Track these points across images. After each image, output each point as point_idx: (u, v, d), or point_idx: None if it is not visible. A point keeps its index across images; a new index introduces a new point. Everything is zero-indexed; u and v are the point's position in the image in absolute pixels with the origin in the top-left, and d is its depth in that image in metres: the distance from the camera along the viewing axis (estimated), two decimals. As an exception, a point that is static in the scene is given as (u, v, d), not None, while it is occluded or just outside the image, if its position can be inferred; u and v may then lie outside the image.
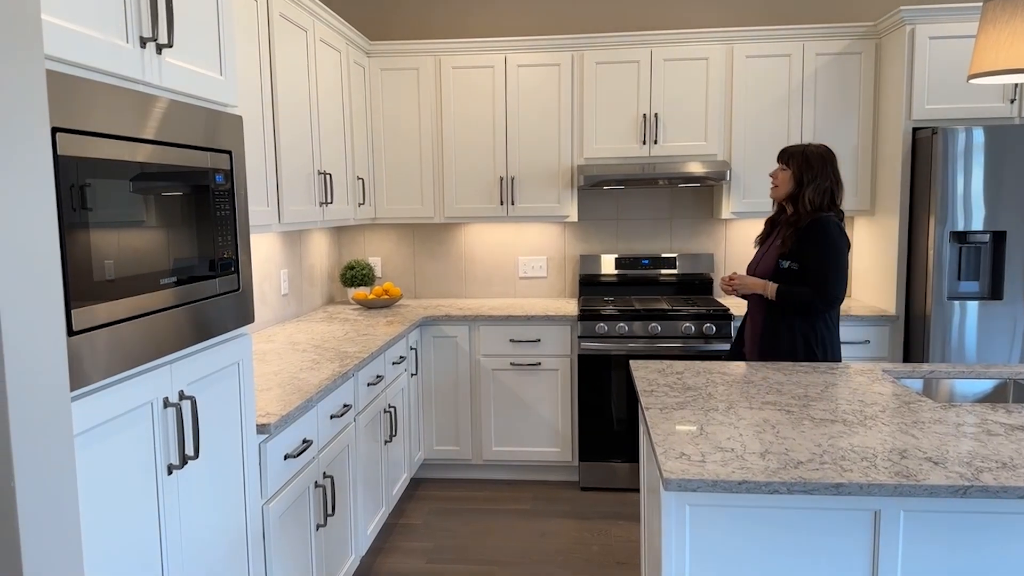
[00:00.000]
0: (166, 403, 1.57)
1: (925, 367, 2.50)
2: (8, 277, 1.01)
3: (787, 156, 2.71)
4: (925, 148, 3.43)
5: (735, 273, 2.79)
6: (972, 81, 1.96)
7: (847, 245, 2.65)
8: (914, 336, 3.57)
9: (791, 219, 2.69)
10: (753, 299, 2.78)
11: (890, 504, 1.59)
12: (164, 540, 1.58)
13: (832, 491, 1.50)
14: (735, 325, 3.71)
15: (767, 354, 2.69)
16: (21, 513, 1.04)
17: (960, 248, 3.39)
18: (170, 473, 1.59)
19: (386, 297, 4.12)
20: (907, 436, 1.76)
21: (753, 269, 2.81)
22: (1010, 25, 1.72)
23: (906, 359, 3.66)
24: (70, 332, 1.28)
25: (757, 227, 4.26)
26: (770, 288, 2.65)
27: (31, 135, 1.06)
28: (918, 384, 2.46)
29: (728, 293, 2.80)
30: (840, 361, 2.68)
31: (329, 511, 2.45)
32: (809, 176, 2.65)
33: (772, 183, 2.76)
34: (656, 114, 3.90)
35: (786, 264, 2.65)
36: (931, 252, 3.39)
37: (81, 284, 1.31)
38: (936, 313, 3.40)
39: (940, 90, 3.47)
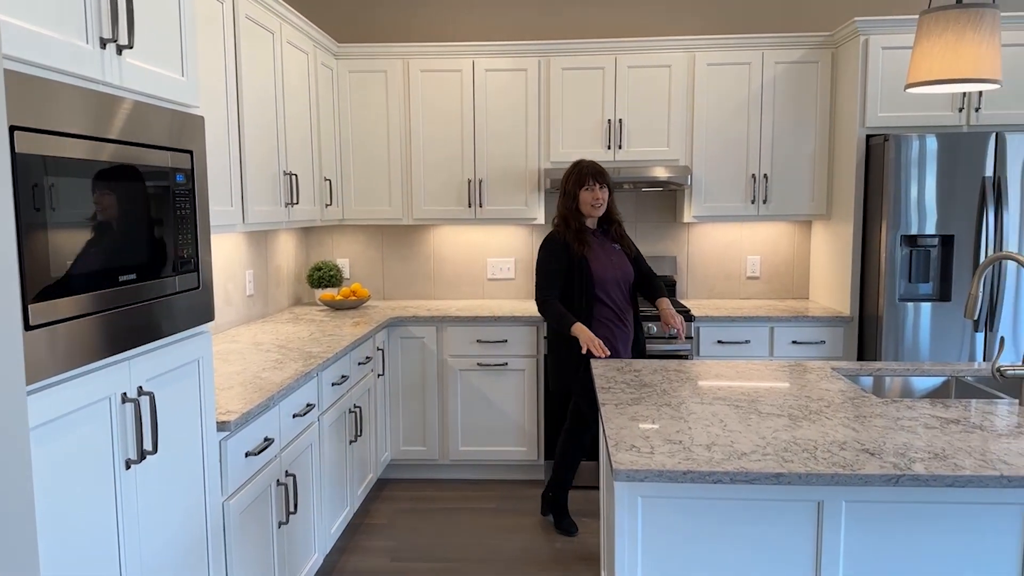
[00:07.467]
0: (124, 398, 1.59)
1: (874, 365, 2.59)
2: (-37, 271, 1.03)
3: (604, 178, 3.23)
4: (878, 154, 3.54)
5: (679, 327, 3.16)
6: (909, 90, 2.05)
7: None
8: (868, 337, 3.68)
9: (619, 228, 3.33)
10: (627, 310, 3.25)
11: (832, 494, 1.66)
12: (122, 534, 1.60)
13: (772, 481, 1.57)
14: (695, 326, 3.79)
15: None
16: (-25, 503, 1.06)
17: (911, 251, 3.51)
18: (128, 468, 1.61)
19: (354, 298, 4.13)
20: (848, 429, 1.84)
21: (617, 275, 3.22)
22: (943, 38, 1.81)
23: (860, 359, 3.76)
24: (27, 327, 1.30)
25: (718, 230, 4.36)
26: (666, 299, 3.29)
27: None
28: (868, 382, 2.55)
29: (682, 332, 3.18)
30: None
31: (291, 509, 2.47)
32: (612, 191, 3.29)
33: (600, 201, 3.20)
34: (620, 120, 3.97)
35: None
36: (883, 255, 3.50)
37: (39, 279, 1.32)
38: (888, 314, 3.51)
39: (892, 99, 3.59)
